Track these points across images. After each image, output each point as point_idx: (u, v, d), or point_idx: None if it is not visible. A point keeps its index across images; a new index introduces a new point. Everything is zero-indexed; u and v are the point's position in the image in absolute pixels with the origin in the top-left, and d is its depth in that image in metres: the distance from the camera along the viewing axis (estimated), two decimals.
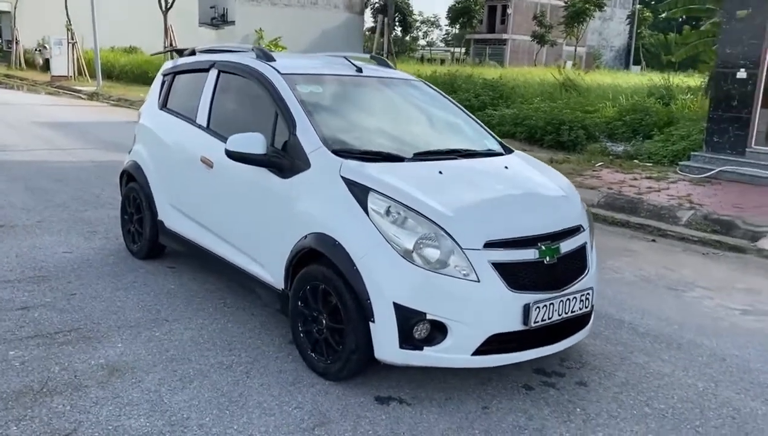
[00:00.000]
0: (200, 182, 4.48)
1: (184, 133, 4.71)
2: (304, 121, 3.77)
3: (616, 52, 68.13)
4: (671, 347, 4.23)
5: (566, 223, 3.61)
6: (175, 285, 4.85)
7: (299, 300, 3.63)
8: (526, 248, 3.33)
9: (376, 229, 3.27)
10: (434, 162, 3.79)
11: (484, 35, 59.01)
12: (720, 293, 5.37)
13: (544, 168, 4.16)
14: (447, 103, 4.70)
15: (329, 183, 3.52)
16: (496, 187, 3.69)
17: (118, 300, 4.51)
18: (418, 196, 3.32)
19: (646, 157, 11.19)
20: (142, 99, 20.40)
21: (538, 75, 23.44)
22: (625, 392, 3.58)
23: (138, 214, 5.28)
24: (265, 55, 4.35)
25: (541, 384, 3.61)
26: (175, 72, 5.17)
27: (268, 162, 3.78)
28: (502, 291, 3.20)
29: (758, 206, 8.00)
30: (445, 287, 3.17)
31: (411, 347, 3.20)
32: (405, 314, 3.16)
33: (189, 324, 4.17)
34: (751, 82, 9.91)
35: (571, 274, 3.50)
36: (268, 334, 4.09)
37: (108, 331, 4.01)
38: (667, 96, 14.94)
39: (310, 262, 3.57)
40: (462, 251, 3.19)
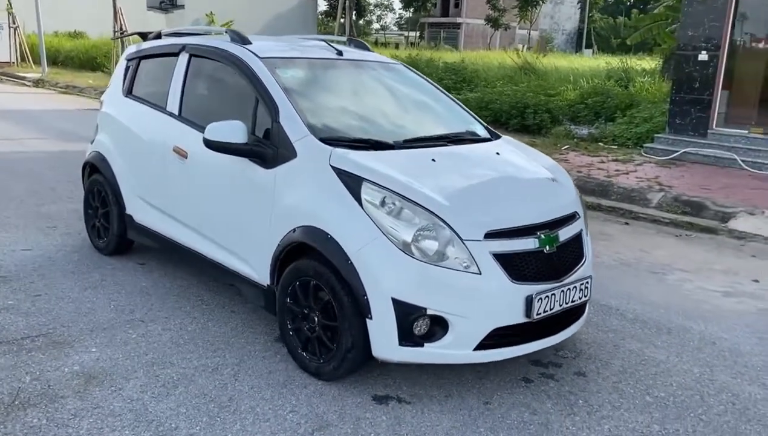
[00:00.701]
0: (173, 174, 4.23)
1: (154, 122, 4.44)
2: (288, 107, 3.56)
3: (567, 35, 68.95)
4: (661, 332, 4.19)
5: (563, 210, 3.51)
6: (147, 283, 4.60)
7: (288, 297, 3.45)
8: (526, 237, 3.21)
9: (371, 221, 3.10)
10: (425, 149, 3.64)
11: (438, 19, 58.93)
12: (699, 275, 5.38)
13: (534, 153, 4.05)
14: (429, 87, 4.55)
15: (318, 173, 3.34)
16: (490, 174, 3.56)
17: (88, 301, 4.24)
18: (414, 185, 3.16)
19: (610, 140, 11.26)
20: (91, 85, 19.75)
21: (495, 58, 23.40)
22: (624, 381, 3.52)
23: (104, 208, 4.99)
24: (241, 37, 4.12)
25: (540, 376, 3.52)
26: (140, 57, 4.87)
27: (250, 151, 3.56)
28: (504, 283, 3.08)
29: (725, 187, 8.10)
30: (445, 281, 3.03)
31: (411, 344, 3.06)
32: (404, 310, 3.01)
33: (167, 324, 3.94)
34: (712, 64, 10.02)
35: (570, 263, 3.40)
36: (252, 332, 3.89)
37: (80, 335, 3.76)
38: (625, 79, 15.09)
39: (299, 256, 3.39)
40: (462, 242, 3.05)
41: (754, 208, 7.11)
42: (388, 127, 3.91)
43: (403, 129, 3.94)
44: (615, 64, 17.20)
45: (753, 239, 6.51)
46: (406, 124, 4.09)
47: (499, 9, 53.06)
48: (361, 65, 4.37)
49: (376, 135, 3.70)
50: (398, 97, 4.37)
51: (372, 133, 3.72)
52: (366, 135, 3.66)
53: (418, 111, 4.33)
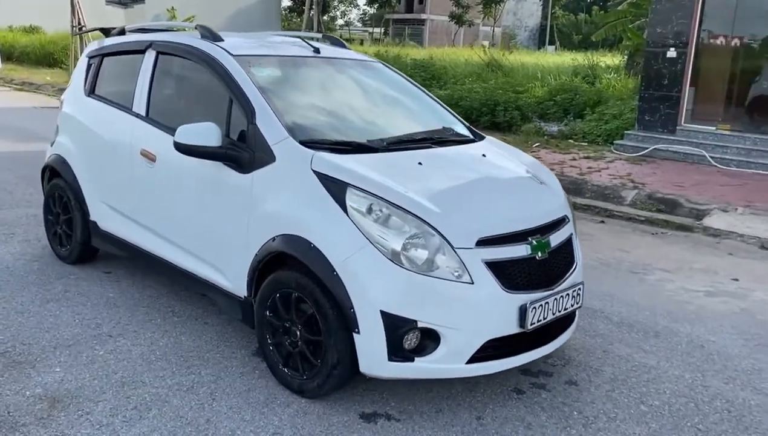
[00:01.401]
0: (141, 178, 3.99)
1: (119, 123, 4.18)
2: (265, 108, 3.36)
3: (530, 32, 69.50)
4: (649, 335, 4.11)
5: (553, 214, 3.39)
6: (114, 293, 4.35)
7: (267, 309, 3.25)
8: (517, 243, 3.07)
9: (357, 229, 2.93)
10: (410, 152, 3.47)
11: (402, 15, 58.73)
12: (679, 275, 5.34)
13: (520, 155, 3.93)
14: (409, 86, 4.38)
15: (299, 178, 3.15)
16: (478, 178, 3.41)
17: (50, 314, 3.97)
18: (402, 191, 3.00)
19: (580, 137, 11.27)
20: (49, 82, 19.11)
21: (462, 55, 23.38)
22: (617, 390, 3.41)
23: (66, 214, 4.71)
24: (212, 34, 3.89)
25: (531, 386, 3.39)
26: (102, 54, 4.60)
27: (225, 155, 3.35)
28: (498, 292, 2.94)
29: (697, 184, 8.13)
30: (436, 291, 2.87)
31: (401, 359, 2.89)
32: (394, 323, 2.85)
33: (136, 339, 3.70)
34: (680, 61, 10.08)
35: (562, 269, 3.28)
36: (227, 346, 3.69)
37: (42, 353, 3.50)
38: (592, 75, 15.15)
39: (279, 266, 3.20)
40: (453, 250, 2.90)
41: (727, 205, 7.14)
42: (369, 129, 3.74)
43: (386, 130, 3.77)
44: (581, 61, 17.30)
45: (728, 237, 6.51)
46: (388, 125, 3.92)
47: (463, 6, 53.17)
48: (339, 63, 4.18)
49: (358, 137, 3.52)
50: (378, 97, 4.20)
51: (353, 135, 3.55)
52: (347, 137, 3.48)
53: (399, 111, 4.17)
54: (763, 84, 10.47)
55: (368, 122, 3.85)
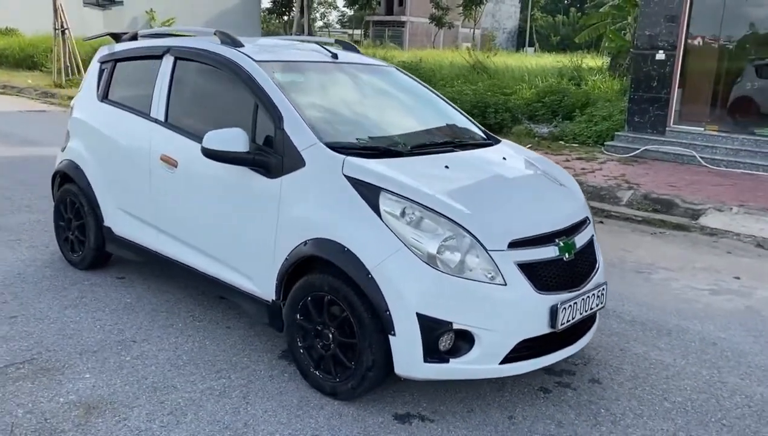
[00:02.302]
0: (160, 184, 3.99)
1: (136, 129, 4.18)
2: (293, 114, 3.39)
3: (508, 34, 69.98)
4: (662, 333, 4.20)
5: (576, 215, 3.46)
6: (131, 298, 4.34)
7: (297, 313, 3.28)
8: (546, 245, 3.14)
9: (391, 233, 2.97)
10: (436, 155, 3.53)
11: (382, 17, 58.84)
12: (683, 274, 5.45)
13: (538, 158, 3.99)
14: (424, 90, 4.44)
15: (330, 183, 3.18)
16: (503, 181, 3.47)
17: (71, 321, 3.96)
18: (434, 194, 3.05)
19: (571, 138, 11.41)
20: (31, 85, 18.87)
21: (446, 57, 23.51)
22: (640, 387, 3.49)
23: (78, 220, 4.69)
24: (232, 39, 3.91)
25: (557, 385, 3.46)
26: (115, 59, 4.59)
27: (253, 161, 3.38)
28: (530, 293, 3.00)
29: (690, 184, 8.29)
30: (471, 293, 2.92)
31: (436, 360, 2.94)
32: (430, 325, 2.89)
33: (161, 344, 3.71)
34: (669, 63, 10.27)
35: (586, 270, 3.36)
36: (253, 349, 3.71)
37: (69, 359, 3.50)
38: (578, 77, 15.33)
39: (310, 270, 3.23)
40: (487, 252, 2.95)
41: (721, 205, 7.29)
42: (393, 133, 3.78)
43: (408, 135, 3.81)
44: (565, 63, 17.50)
45: (724, 236, 6.66)
46: (409, 129, 3.96)
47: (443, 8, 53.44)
48: (357, 68, 4.22)
49: (382, 141, 3.57)
50: (397, 102, 4.25)
51: (378, 139, 3.59)
52: (372, 141, 3.52)
53: (418, 115, 4.21)
54: (746, 85, 10.71)
55: (390, 127, 3.90)
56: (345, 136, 3.51)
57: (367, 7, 54.69)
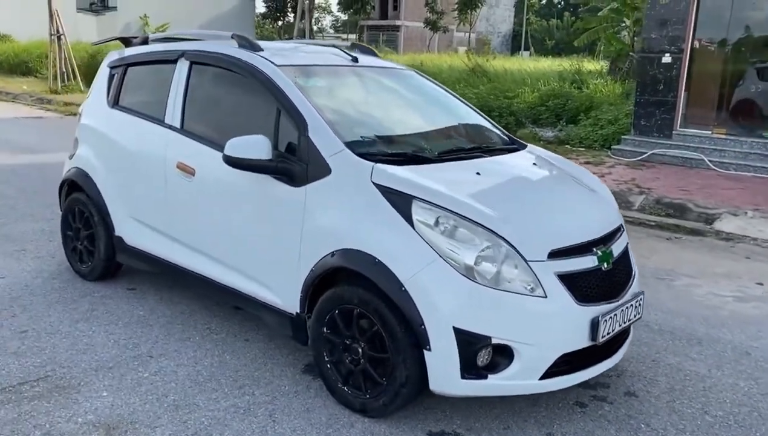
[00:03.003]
0: (177, 192, 3.85)
1: (150, 136, 4.05)
2: (317, 120, 3.26)
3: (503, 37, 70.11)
4: (692, 342, 4.09)
5: (612, 223, 3.35)
6: (144, 311, 4.20)
7: (324, 326, 3.15)
8: (585, 254, 3.02)
9: (425, 243, 2.84)
10: (465, 161, 3.41)
11: (377, 22, 58.83)
12: (705, 280, 5.34)
13: (566, 162, 3.88)
14: (445, 94, 4.32)
15: (358, 191, 3.05)
16: (536, 188, 3.36)
17: (83, 335, 3.82)
18: (470, 202, 2.92)
19: (577, 142, 11.32)
20: (26, 91, 18.67)
21: (444, 61, 23.43)
22: (678, 400, 3.37)
23: (87, 229, 4.55)
24: (250, 43, 3.78)
25: (592, 399, 3.34)
26: (126, 64, 4.45)
27: (276, 168, 3.25)
28: (571, 305, 2.87)
29: (702, 188, 8.19)
30: (510, 306, 2.80)
31: (474, 377, 2.81)
32: (468, 340, 2.76)
33: (179, 359, 3.57)
34: (675, 66, 10.18)
35: (624, 279, 3.24)
36: (275, 364, 3.57)
37: (84, 376, 3.35)
38: (579, 81, 15.26)
39: (337, 282, 3.10)
40: (527, 263, 2.83)
41: (736, 209, 7.19)
42: (419, 138, 3.66)
43: (434, 140, 3.70)
44: (566, 66, 17.45)
45: (741, 240, 6.56)
46: (435, 134, 3.85)
47: (438, 12, 53.48)
48: (378, 72, 4.10)
49: (409, 147, 3.45)
50: (421, 106, 4.13)
51: (404, 145, 3.47)
52: (399, 148, 3.40)
53: (443, 120, 4.09)
54: (750, 87, 10.62)
55: (416, 132, 3.78)
56: (371, 142, 3.38)
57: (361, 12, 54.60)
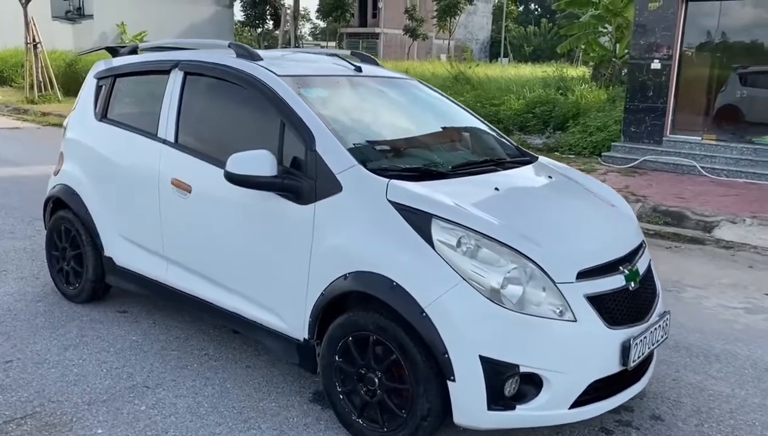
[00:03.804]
0: (172, 210, 3.63)
1: (142, 150, 3.82)
2: (325, 133, 3.07)
3: (481, 44, 70.47)
4: (710, 359, 3.95)
5: (635, 240, 3.19)
6: (137, 336, 3.96)
7: (336, 354, 2.95)
8: (612, 274, 2.86)
9: (447, 265, 2.66)
10: (480, 176, 3.23)
11: (356, 29, 58.78)
12: (712, 291, 5.22)
13: (581, 176, 3.72)
14: (451, 104, 4.14)
15: (372, 209, 2.86)
16: (557, 204, 3.19)
17: (73, 364, 3.57)
18: (493, 221, 2.75)
19: (566, 149, 11.24)
20: (1, 102, 18.18)
21: (427, 68, 23.33)
22: (706, 423, 3.22)
23: (74, 249, 4.30)
24: (249, 52, 3.58)
25: (617, 424, 3.17)
26: (114, 75, 4.22)
27: (282, 185, 3.04)
28: (601, 329, 2.71)
29: (697, 195, 8.12)
30: (539, 331, 2.62)
31: (501, 408, 2.63)
32: (495, 369, 2.58)
33: (178, 390, 3.34)
34: (664, 72, 10.15)
35: (650, 299, 3.08)
36: (279, 392, 3.36)
37: (76, 411, 3.11)
38: (564, 87, 15.22)
39: (352, 307, 2.90)
40: (555, 285, 2.66)
41: (733, 217, 7.11)
42: (431, 152, 3.48)
43: (447, 153, 3.52)
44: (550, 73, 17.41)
45: (741, 249, 6.47)
46: (446, 147, 3.67)
47: (417, 19, 53.56)
48: (382, 82, 3.92)
49: (420, 161, 3.27)
50: (428, 117, 3.95)
51: (415, 159, 3.29)
52: (410, 162, 3.22)
53: (451, 132, 3.91)
54: (736, 93, 10.62)
55: (427, 145, 3.60)
56: (381, 156, 3.20)
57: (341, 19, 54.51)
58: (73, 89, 20.63)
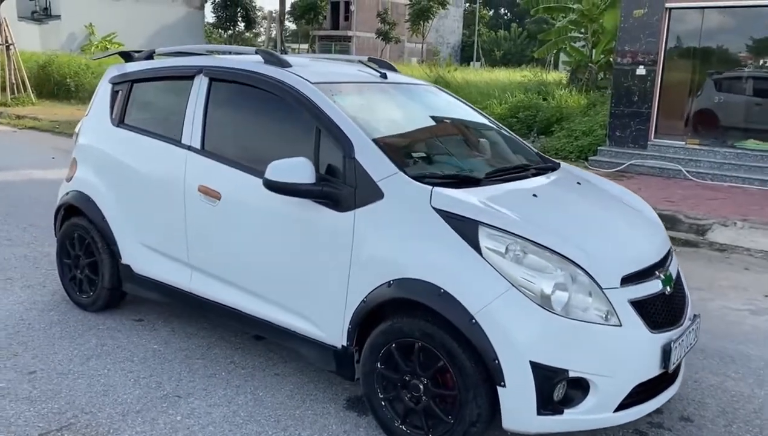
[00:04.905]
0: (199, 218, 3.60)
1: (164, 157, 3.77)
2: (365, 141, 3.07)
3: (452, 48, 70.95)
4: (725, 360, 4.05)
5: (665, 244, 3.27)
6: (158, 344, 3.91)
7: (378, 361, 2.95)
8: (650, 279, 2.92)
9: (496, 272, 2.69)
10: (515, 183, 3.27)
11: (328, 32, 58.72)
12: (714, 293, 5.35)
13: (607, 183, 3.79)
14: (472, 111, 4.18)
15: (416, 217, 2.88)
16: (593, 210, 3.25)
17: (98, 374, 3.52)
18: (539, 228, 2.79)
19: (552, 154, 11.36)
20: None
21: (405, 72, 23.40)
22: (734, 424, 3.30)
23: (88, 257, 4.23)
24: (277, 59, 3.57)
25: (649, 426, 3.24)
26: (132, 80, 4.16)
27: (321, 193, 3.04)
28: (644, 333, 2.76)
29: (686, 199, 8.30)
30: (587, 337, 2.67)
31: (550, 412, 2.66)
32: (545, 374, 2.62)
33: (210, 399, 3.31)
34: (649, 78, 10.35)
35: (682, 303, 3.15)
36: (314, 400, 3.35)
37: (110, 422, 3.07)
38: (545, 91, 15.43)
39: (395, 314, 2.91)
40: (601, 290, 2.70)
41: (724, 220, 7.29)
42: (465, 158, 3.51)
43: (479, 159, 3.55)
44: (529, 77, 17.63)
45: (735, 251, 6.64)
46: (475, 153, 3.70)
47: (390, 23, 53.73)
48: (408, 88, 3.94)
49: (457, 168, 3.29)
50: (456, 124, 3.97)
51: (453, 166, 3.31)
52: (449, 169, 3.24)
53: (477, 137, 3.94)
54: (713, 98, 10.86)
55: (459, 152, 3.63)
56: (420, 163, 3.22)
57: (313, 22, 54.39)
58: (45, 91, 20.27)
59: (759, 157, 9.53)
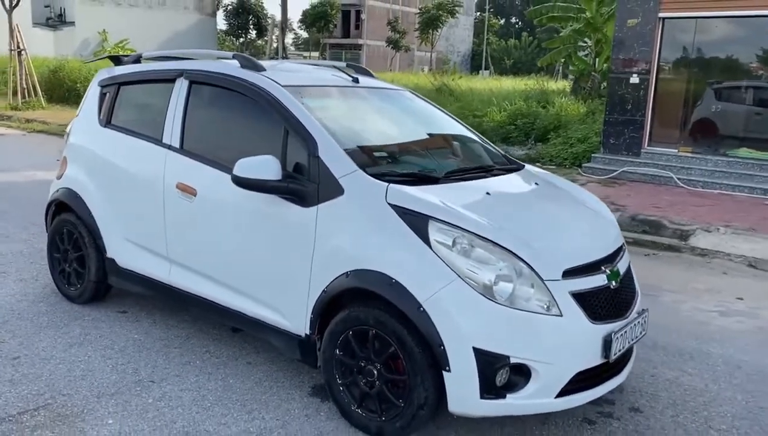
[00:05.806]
0: (176, 213, 3.79)
1: (146, 155, 3.98)
2: (328, 140, 3.26)
3: (462, 57, 71.27)
4: (685, 357, 4.18)
5: (616, 242, 3.42)
6: (139, 334, 4.10)
7: (336, 348, 3.13)
8: (595, 273, 3.07)
9: (443, 263, 2.86)
10: (471, 181, 3.44)
11: (339, 40, 59.17)
12: (687, 295, 5.48)
13: (565, 183, 3.95)
14: (442, 114, 4.35)
15: (373, 212, 3.05)
16: (544, 208, 3.41)
17: (79, 360, 3.71)
18: (485, 223, 2.95)
19: (548, 160, 11.52)
20: None
21: (410, 80, 23.67)
22: (682, 415, 3.44)
23: (76, 251, 4.43)
24: (252, 63, 3.77)
25: (599, 415, 3.39)
26: (118, 82, 4.37)
27: (287, 189, 3.23)
28: (585, 324, 2.92)
29: (673, 205, 8.42)
30: (528, 325, 2.83)
31: (493, 396, 2.82)
32: (487, 360, 2.78)
33: (183, 384, 3.50)
34: (643, 86, 10.48)
35: (629, 297, 3.30)
36: (280, 386, 3.52)
37: (86, 403, 3.25)
38: (545, 100, 15.59)
39: (352, 303, 3.09)
40: (543, 282, 2.87)
41: (708, 226, 7.40)
42: (425, 159, 3.69)
43: (440, 160, 3.73)
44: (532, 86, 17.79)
45: (715, 256, 6.75)
46: (439, 154, 3.88)
47: (400, 31, 54.13)
48: (378, 92, 4.13)
49: (415, 167, 3.47)
50: (422, 126, 4.15)
51: (412, 165, 3.49)
52: (408, 168, 3.42)
53: (443, 140, 4.13)
54: (711, 107, 10.97)
55: (421, 152, 3.81)
56: (380, 162, 3.40)
57: (324, 30, 54.86)
58: (56, 96, 20.66)
59: (750, 166, 9.63)
